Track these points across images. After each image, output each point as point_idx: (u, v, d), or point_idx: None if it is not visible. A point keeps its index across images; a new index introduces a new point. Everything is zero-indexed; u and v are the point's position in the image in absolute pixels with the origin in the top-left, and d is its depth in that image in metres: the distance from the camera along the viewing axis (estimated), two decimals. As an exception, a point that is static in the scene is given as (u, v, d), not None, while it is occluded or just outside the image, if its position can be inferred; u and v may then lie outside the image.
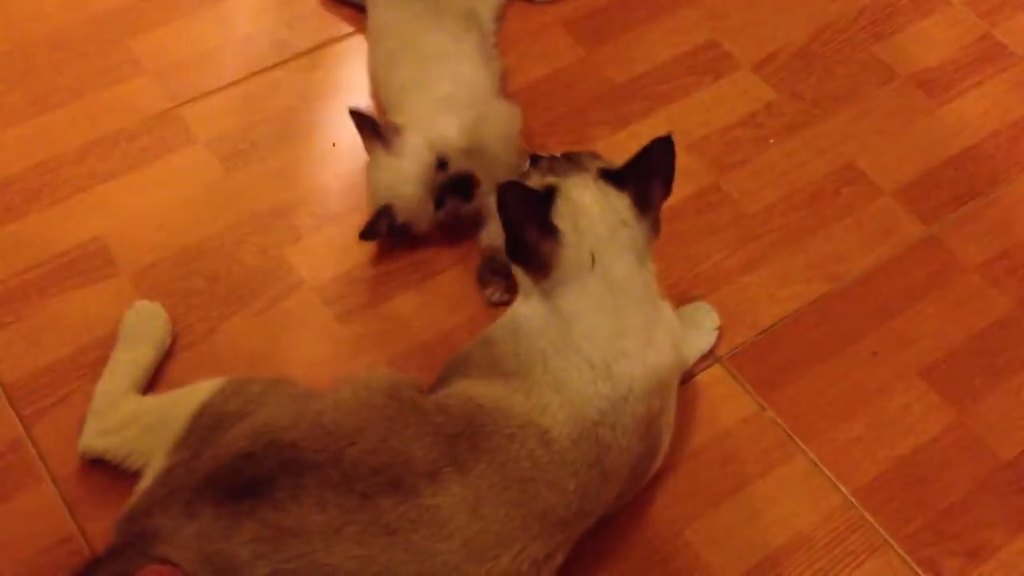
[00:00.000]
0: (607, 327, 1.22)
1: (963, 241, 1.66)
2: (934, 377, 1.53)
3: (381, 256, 1.61)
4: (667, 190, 1.29)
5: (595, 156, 1.34)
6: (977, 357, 1.55)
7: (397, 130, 1.55)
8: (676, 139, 1.27)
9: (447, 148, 1.53)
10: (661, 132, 1.73)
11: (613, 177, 1.28)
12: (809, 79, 1.84)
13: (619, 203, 1.27)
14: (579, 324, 1.22)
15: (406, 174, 1.52)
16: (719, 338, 1.54)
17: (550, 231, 1.23)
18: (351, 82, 1.81)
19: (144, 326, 1.48)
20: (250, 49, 1.84)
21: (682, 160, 1.71)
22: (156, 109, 1.75)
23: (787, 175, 1.73)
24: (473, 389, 1.24)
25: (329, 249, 1.62)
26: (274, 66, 1.82)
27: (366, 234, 1.53)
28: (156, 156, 1.70)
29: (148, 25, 1.86)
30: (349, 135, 1.73)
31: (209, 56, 1.82)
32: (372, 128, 1.54)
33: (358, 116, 1.54)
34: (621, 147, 1.73)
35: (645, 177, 1.27)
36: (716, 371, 1.52)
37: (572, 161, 1.33)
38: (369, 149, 1.58)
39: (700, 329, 1.53)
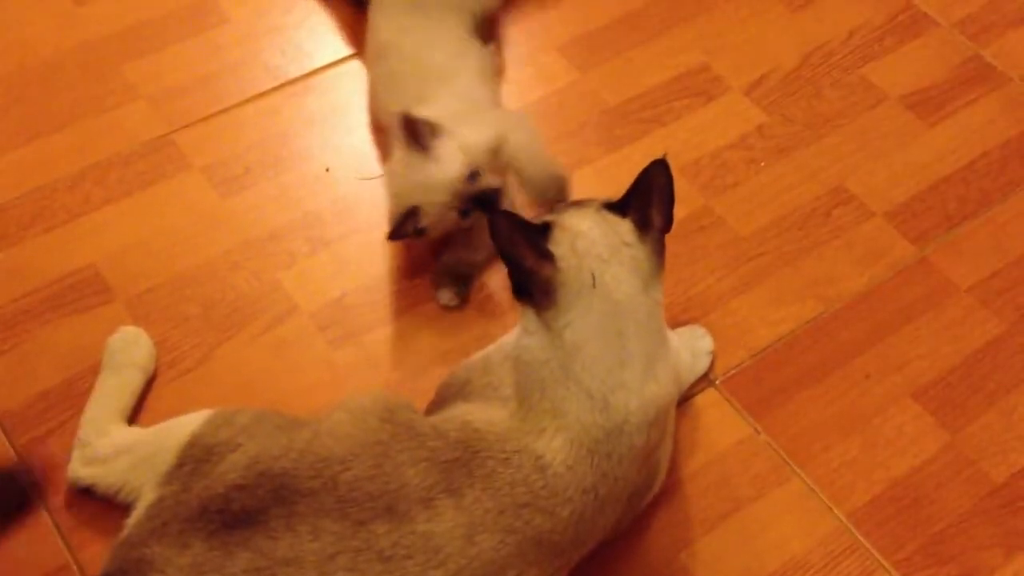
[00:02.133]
0: (608, 357, 1.21)
1: (955, 262, 1.67)
2: (927, 399, 1.53)
3: (374, 282, 1.62)
4: (667, 211, 1.27)
5: (596, 199, 1.33)
6: (970, 378, 1.55)
7: (435, 132, 1.52)
8: (668, 161, 1.27)
9: (479, 159, 1.52)
10: (653, 154, 1.75)
11: (614, 207, 1.28)
12: (799, 101, 1.86)
13: (620, 227, 1.25)
14: (581, 356, 1.20)
15: (439, 180, 1.50)
16: (713, 361, 1.54)
17: (547, 257, 1.22)
18: (345, 107, 1.81)
19: (128, 351, 1.48)
20: (244, 75, 1.84)
21: (674, 182, 1.73)
22: (151, 135, 1.76)
23: (779, 197, 1.74)
24: (470, 413, 1.24)
25: (323, 274, 1.62)
26: (268, 92, 1.83)
27: (394, 236, 1.52)
28: (151, 182, 1.71)
29: (142, 51, 1.87)
30: (343, 160, 1.74)
31: (203, 82, 1.83)
32: (414, 130, 1.50)
33: (407, 119, 1.50)
34: (614, 169, 1.75)
35: (645, 201, 1.26)
36: (710, 394, 1.52)
37: (572, 203, 1.34)
38: (400, 149, 1.54)
39: (695, 353, 1.53)
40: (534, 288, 1.22)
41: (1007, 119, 1.85)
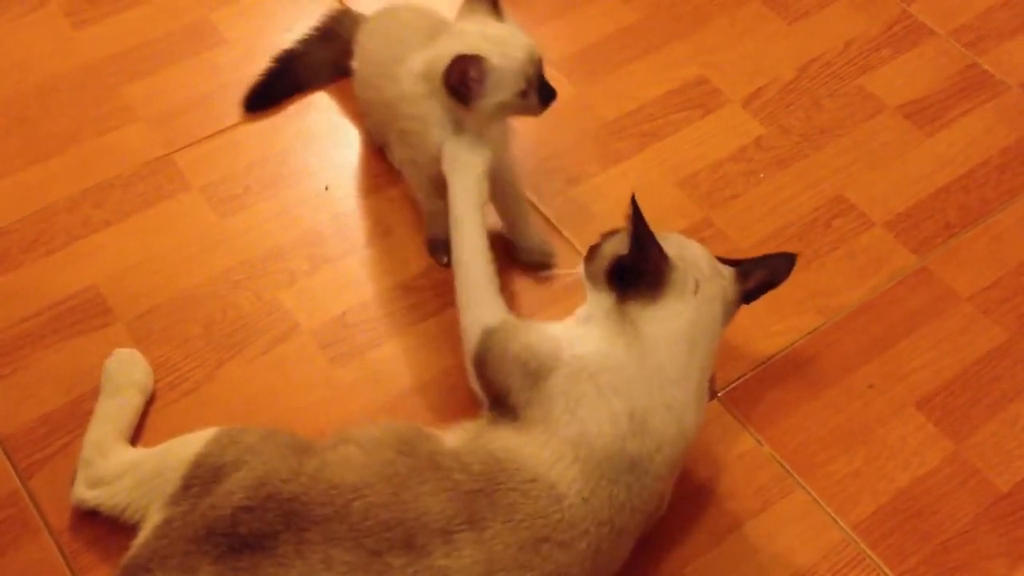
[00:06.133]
0: (673, 368, 1.25)
1: (955, 271, 1.67)
2: (931, 408, 1.53)
3: (375, 300, 1.62)
4: (761, 286, 1.39)
5: None
6: (972, 388, 1.55)
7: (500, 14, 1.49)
8: (666, 175, 1.30)
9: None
10: (651, 168, 1.77)
11: (726, 261, 1.38)
12: (797, 113, 1.86)
13: (722, 267, 1.36)
14: (655, 356, 1.25)
15: (521, 40, 1.46)
16: (715, 374, 1.54)
17: (663, 255, 1.30)
18: (343, 126, 1.82)
19: (125, 373, 1.48)
20: (242, 95, 1.85)
21: (673, 195, 1.74)
22: (150, 156, 1.76)
23: (778, 208, 1.74)
24: (493, 441, 1.23)
25: (324, 292, 1.62)
26: (266, 112, 1.83)
27: (451, 80, 1.41)
28: (150, 203, 1.71)
29: (141, 72, 1.87)
30: (342, 178, 1.75)
31: (201, 102, 1.84)
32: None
33: None
34: (612, 184, 1.75)
35: (754, 267, 1.38)
36: (713, 407, 1.52)
37: None
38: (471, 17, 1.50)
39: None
40: (642, 276, 1.28)
41: (1006, 127, 1.86)
